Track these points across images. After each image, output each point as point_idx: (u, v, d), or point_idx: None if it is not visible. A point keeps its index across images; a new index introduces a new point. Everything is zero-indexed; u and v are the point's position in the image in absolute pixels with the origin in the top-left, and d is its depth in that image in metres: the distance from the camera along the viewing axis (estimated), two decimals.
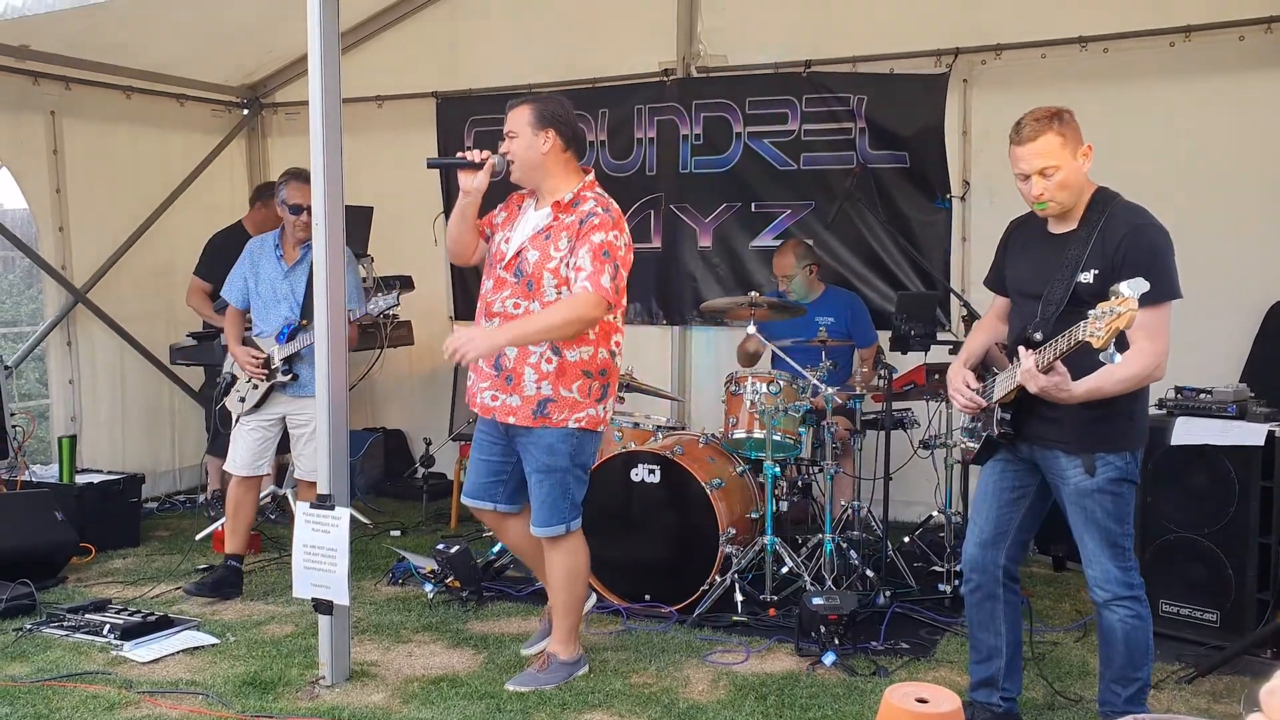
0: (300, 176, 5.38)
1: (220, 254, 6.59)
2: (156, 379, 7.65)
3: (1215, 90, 5.80)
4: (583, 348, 4.18)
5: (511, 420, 4.22)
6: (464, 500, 4.55)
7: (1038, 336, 3.44)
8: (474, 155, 4.24)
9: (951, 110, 6.42)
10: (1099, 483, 3.49)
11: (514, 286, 4.19)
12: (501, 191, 4.44)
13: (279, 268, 5.55)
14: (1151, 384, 3.54)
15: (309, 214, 5.10)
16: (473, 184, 4.24)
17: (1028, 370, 3.36)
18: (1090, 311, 3.09)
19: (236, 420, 5.61)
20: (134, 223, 7.46)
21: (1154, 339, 3.34)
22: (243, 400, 5.55)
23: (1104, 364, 3.17)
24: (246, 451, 5.54)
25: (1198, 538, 4.55)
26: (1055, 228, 3.58)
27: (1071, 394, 3.36)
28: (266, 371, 5.47)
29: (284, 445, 5.77)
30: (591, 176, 4.32)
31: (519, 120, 4.22)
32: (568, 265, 4.11)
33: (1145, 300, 3.25)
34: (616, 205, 4.26)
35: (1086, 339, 3.10)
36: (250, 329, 5.63)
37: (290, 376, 5.44)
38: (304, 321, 5.40)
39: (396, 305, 5.55)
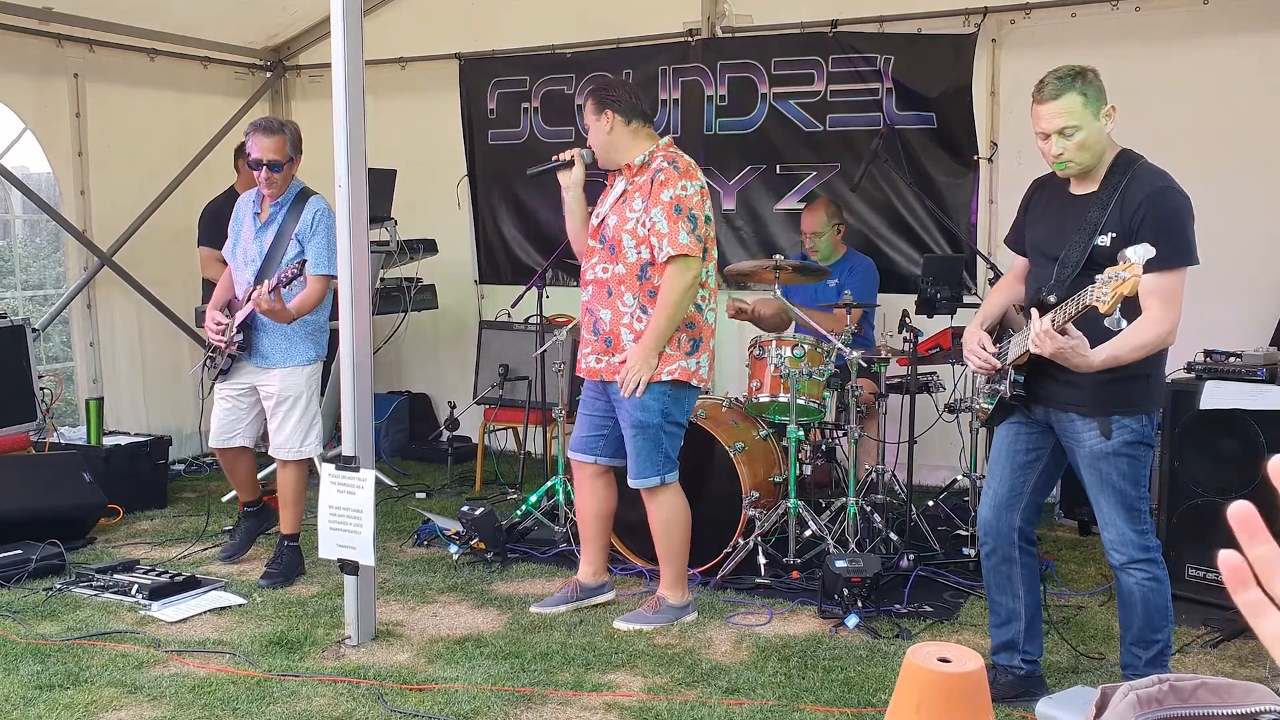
0: (262, 128, 5.07)
1: (218, 219, 6.44)
2: (178, 342, 7.68)
3: (1249, 50, 5.69)
4: None
5: (616, 379, 4.45)
6: (569, 454, 4.82)
7: (1051, 299, 3.41)
8: (564, 155, 4.60)
9: (979, 71, 6.33)
10: (1115, 445, 3.47)
11: (600, 253, 4.47)
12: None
13: (253, 226, 5.16)
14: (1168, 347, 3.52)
15: (270, 170, 5.01)
16: (570, 179, 4.58)
17: (1044, 332, 3.29)
18: (1098, 276, 3.07)
19: (210, 389, 5.34)
20: (156, 186, 7.46)
21: (1168, 305, 3.31)
22: (213, 366, 5.22)
23: (1111, 330, 3.20)
24: (215, 422, 5.26)
25: (1225, 502, 4.50)
26: (1077, 188, 3.55)
27: (1089, 361, 3.31)
28: (224, 340, 5.09)
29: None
30: (666, 139, 4.54)
31: (588, 113, 4.56)
32: (644, 225, 4.33)
33: (1161, 265, 3.24)
34: (687, 158, 4.47)
35: (1093, 304, 3.09)
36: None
37: (235, 345, 5.05)
38: (256, 287, 4.97)
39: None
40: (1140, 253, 3.03)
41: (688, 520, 4.64)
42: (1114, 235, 3.37)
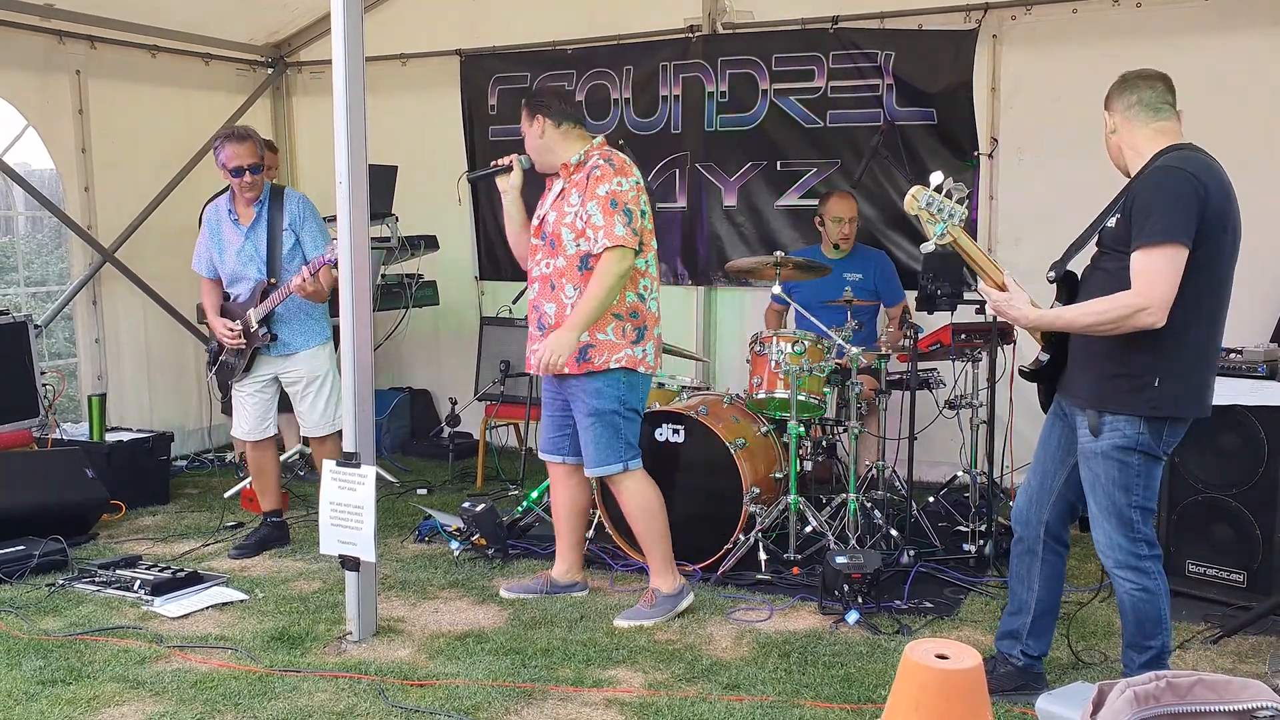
0: (234, 137, 5.29)
1: None
2: (182, 338, 7.70)
3: (1249, 47, 5.68)
4: None
5: (564, 370, 4.47)
6: (540, 455, 4.88)
7: (1050, 275, 3.56)
8: (503, 161, 4.72)
9: (980, 67, 6.32)
10: (1104, 446, 3.45)
11: (543, 249, 4.55)
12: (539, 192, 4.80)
13: (238, 231, 5.39)
14: (1208, 348, 3.47)
15: (250, 173, 5.27)
16: (507, 184, 4.69)
17: (981, 289, 3.59)
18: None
19: (232, 387, 5.55)
20: (159, 182, 7.48)
21: (1149, 284, 3.27)
22: (230, 367, 5.47)
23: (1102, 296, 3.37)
24: (248, 417, 5.51)
25: (1226, 498, 4.53)
26: None
27: (1023, 315, 3.51)
28: (244, 341, 5.35)
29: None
30: (599, 140, 4.63)
31: (523, 120, 4.63)
32: (581, 219, 4.41)
33: (1141, 241, 3.30)
34: (622, 156, 4.57)
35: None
36: (228, 297, 5.50)
37: (269, 337, 5.33)
38: (272, 280, 5.31)
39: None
40: (934, 177, 3.44)
41: (661, 504, 4.67)
42: (1118, 217, 3.40)
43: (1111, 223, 3.42)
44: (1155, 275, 3.26)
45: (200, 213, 6.85)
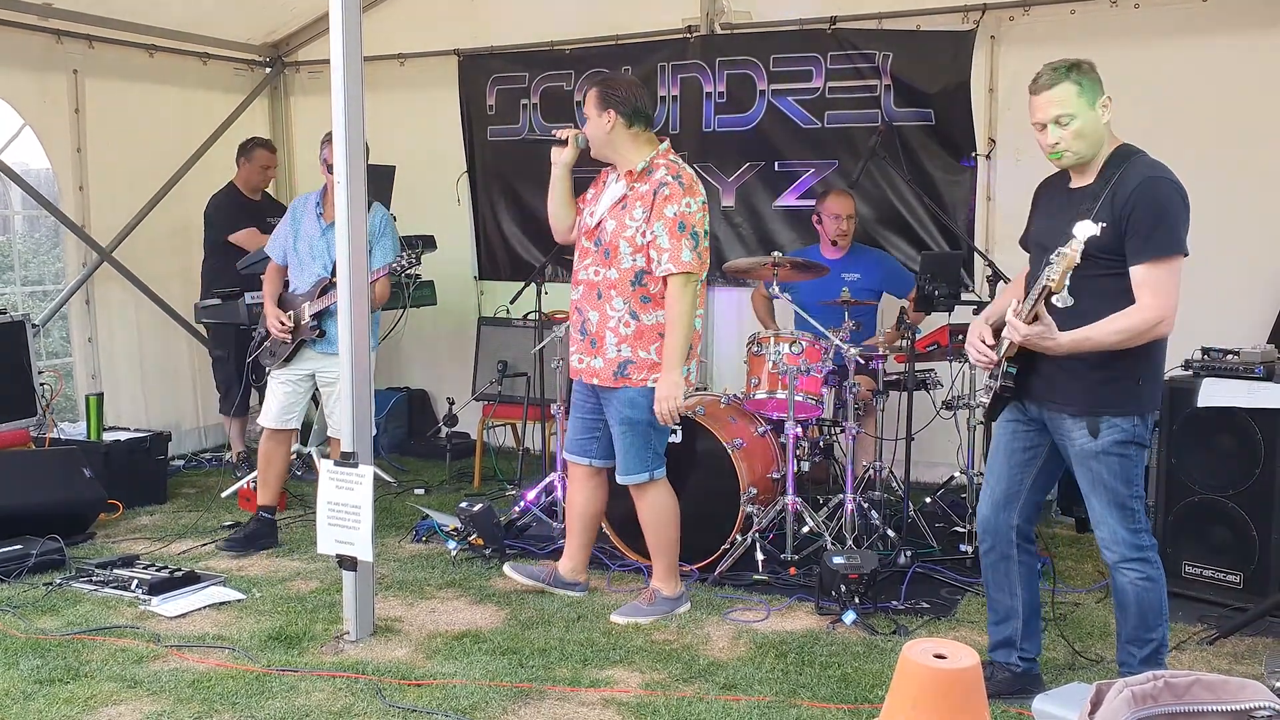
0: None
1: (229, 209, 6.96)
2: (176, 338, 7.69)
3: (1247, 48, 5.69)
4: (658, 311, 4.45)
5: (595, 382, 4.52)
6: (564, 455, 4.92)
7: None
8: (561, 133, 4.64)
9: (978, 68, 6.32)
10: (1104, 445, 3.48)
11: (594, 254, 4.51)
12: (594, 171, 4.76)
13: (318, 226, 5.56)
14: (1166, 346, 3.54)
15: None
16: (559, 158, 4.61)
17: (1010, 322, 3.42)
18: (1052, 257, 3.19)
19: (268, 373, 5.69)
20: (155, 182, 7.46)
21: (1157, 294, 3.32)
22: (273, 355, 5.62)
23: (1096, 318, 3.32)
24: (275, 405, 5.61)
25: (1222, 499, 4.54)
26: (1076, 182, 3.58)
27: (1057, 343, 3.38)
28: (291, 334, 5.50)
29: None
30: (665, 145, 4.57)
31: (588, 103, 4.54)
32: (643, 236, 4.37)
33: (1150, 255, 3.31)
34: (690, 171, 4.53)
35: (1047, 284, 3.18)
36: (287, 286, 5.69)
37: (317, 333, 5.47)
38: (333, 279, 5.41)
39: (413, 265, 5.55)
40: (1083, 229, 3.16)
41: (677, 513, 4.70)
42: (1104, 225, 3.36)
43: (1095, 230, 3.39)
44: (1168, 287, 3.33)
45: (203, 211, 6.94)
